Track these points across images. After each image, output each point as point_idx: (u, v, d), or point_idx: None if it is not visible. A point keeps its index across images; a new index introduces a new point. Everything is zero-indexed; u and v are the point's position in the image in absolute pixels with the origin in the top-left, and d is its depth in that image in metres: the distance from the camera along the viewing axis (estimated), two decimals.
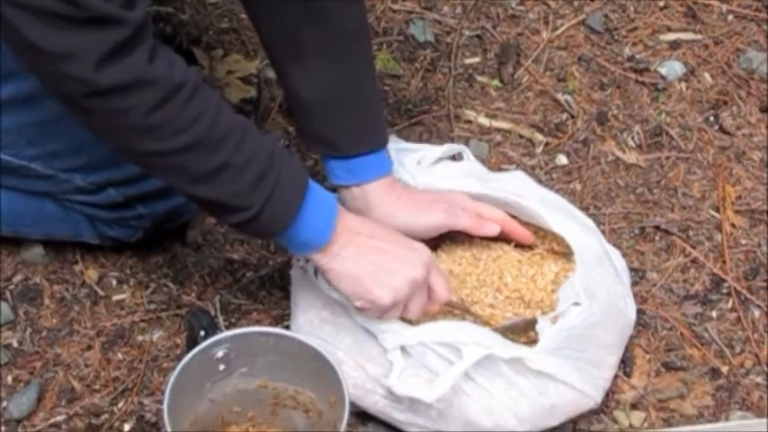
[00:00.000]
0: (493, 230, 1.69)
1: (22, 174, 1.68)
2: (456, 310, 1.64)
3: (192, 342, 1.62)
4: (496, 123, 2.03)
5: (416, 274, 1.52)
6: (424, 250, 1.55)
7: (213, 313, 1.75)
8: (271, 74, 2.06)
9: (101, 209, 1.72)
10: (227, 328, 1.73)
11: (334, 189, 1.64)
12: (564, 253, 1.73)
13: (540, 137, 2.01)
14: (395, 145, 1.75)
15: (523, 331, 1.64)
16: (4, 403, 1.66)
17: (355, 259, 1.51)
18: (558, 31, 2.14)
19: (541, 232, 1.74)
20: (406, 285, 1.51)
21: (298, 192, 1.46)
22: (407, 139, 1.98)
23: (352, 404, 1.58)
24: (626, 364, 1.72)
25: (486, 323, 1.64)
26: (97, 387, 1.69)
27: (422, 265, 1.53)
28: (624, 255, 1.78)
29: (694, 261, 1.86)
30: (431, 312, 1.60)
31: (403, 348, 1.59)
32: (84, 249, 1.82)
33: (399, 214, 1.64)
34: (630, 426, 1.67)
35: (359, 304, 1.53)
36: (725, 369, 1.74)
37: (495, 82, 2.09)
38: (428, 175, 1.73)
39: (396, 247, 1.53)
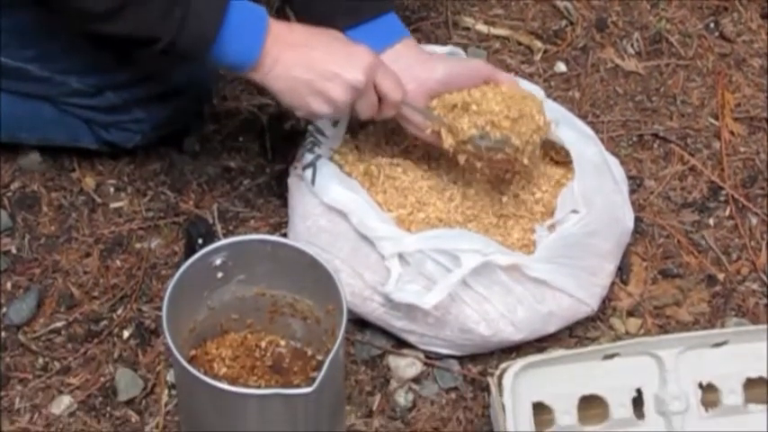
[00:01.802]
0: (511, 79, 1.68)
1: (18, 76, 1.67)
2: (417, 113, 1.62)
3: (190, 250, 1.62)
4: (495, 30, 2.02)
5: (354, 80, 1.50)
6: (364, 53, 1.53)
7: (211, 221, 1.76)
8: None
9: (98, 112, 1.72)
10: (225, 235, 1.74)
11: None
12: (563, 161, 1.73)
13: (538, 44, 2.00)
14: None
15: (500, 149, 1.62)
16: (4, 309, 1.67)
17: (289, 73, 1.49)
18: None
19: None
20: (345, 93, 1.50)
21: (215, 12, 1.45)
22: None
23: (350, 311, 1.59)
24: (623, 271, 1.73)
25: (453, 131, 1.62)
26: (96, 294, 1.69)
27: (361, 69, 1.50)
28: (622, 162, 1.78)
29: (692, 169, 1.86)
30: (387, 116, 1.59)
31: (401, 256, 1.59)
32: (81, 157, 1.81)
33: (438, 64, 1.62)
34: (627, 333, 1.68)
35: (300, 114, 1.55)
36: (721, 276, 1.75)
37: None
38: None
39: (331, 54, 1.51)
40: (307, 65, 1.49)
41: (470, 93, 1.62)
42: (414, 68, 1.60)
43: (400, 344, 1.65)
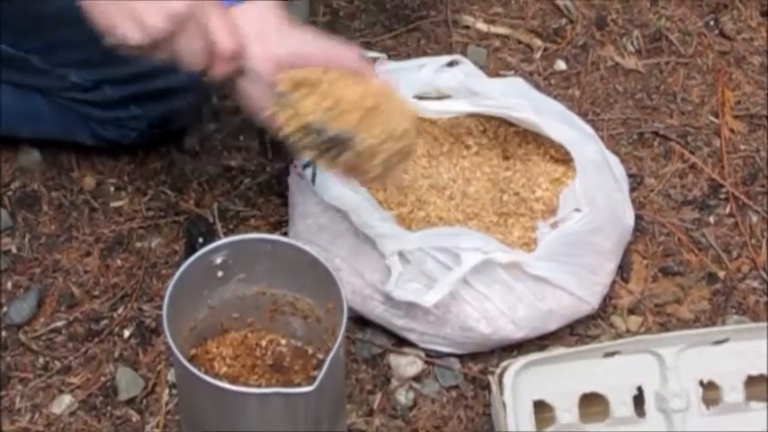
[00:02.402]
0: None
1: (18, 66, 1.67)
2: (258, 84, 1.39)
3: (191, 249, 1.62)
4: (495, 29, 2.02)
5: (173, 6, 1.32)
6: None
7: (211, 220, 1.76)
8: None
9: (95, 107, 1.72)
10: (226, 234, 1.74)
11: None
12: (563, 160, 1.73)
13: (538, 42, 2.00)
14: (385, 67, 1.74)
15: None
16: (5, 309, 1.67)
17: None
18: None
19: (540, 139, 1.74)
20: (160, 19, 1.32)
21: None
22: (405, 45, 1.98)
23: (351, 310, 1.59)
24: (623, 269, 1.73)
25: (294, 115, 1.38)
26: (97, 293, 1.69)
27: None
28: (622, 160, 1.78)
29: (693, 166, 1.86)
30: (220, 72, 1.39)
31: (401, 254, 1.59)
32: (80, 156, 1.81)
33: (298, 34, 1.43)
34: (627, 331, 1.68)
35: (111, 40, 1.36)
36: (722, 274, 1.75)
37: None
38: (421, 102, 1.72)
39: None
40: None
41: (326, 71, 1.37)
42: (266, 30, 1.40)
43: (401, 342, 1.65)
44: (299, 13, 2.00)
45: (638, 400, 1.56)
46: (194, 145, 1.84)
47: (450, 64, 1.76)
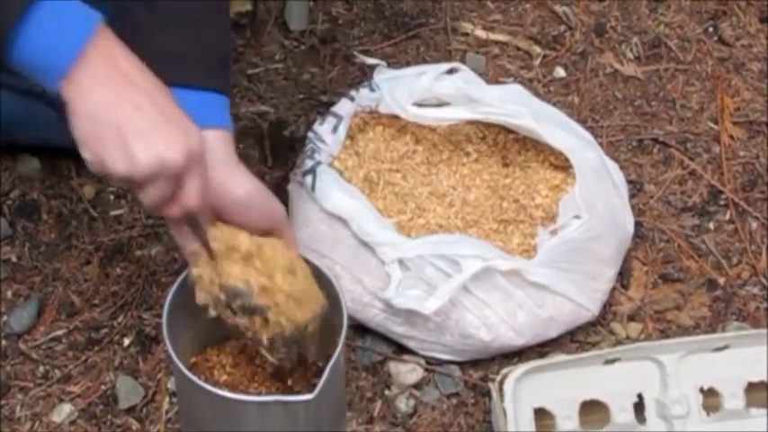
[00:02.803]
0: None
1: (19, 72, 1.67)
2: (195, 226, 1.33)
3: None
4: (494, 36, 2.02)
5: (168, 157, 1.21)
6: (195, 137, 1.24)
7: None
8: None
9: None
10: None
11: None
12: (562, 166, 1.73)
13: (537, 49, 2.00)
14: (384, 75, 1.74)
15: None
16: (5, 318, 1.67)
17: (108, 102, 1.19)
18: None
19: (539, 146, 1.74)
20: (150, 164, 1.20)
21: None
22: (404, 52, 1.98)
23: (351, 317, 1.59)
24: (623, 276, 1.73)
25: (217, 269, 1.35)
26: (97, 302, 1.69)
27: (182, 150, 1.22)
28: (622, 167, 1.78)
29: (692, 173, 1.86)
30: (169, 214, 1.28)
31: (401, 261, 1.59)
32: (80, 164, 1.80)
33: (245, 183, 1.39)
34: (627, 337, 1.68)
35: (87, 156, 1.21)
36: (722, 280, 1.75)
37: None
38: (420, 109, 1.72)
39: (163, 112, 1.22)
40: (131, 107, 1.20)
41: (259, 244, 1.36)
42: (216, 170, 1.33)
43: (401, 350, 1.65)
44: (298, 22, 2.01)
45: (639, 406, 1.56)
46: None
47: (450, 71, 1.76)
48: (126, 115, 1.19)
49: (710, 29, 2.04)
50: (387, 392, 1.62)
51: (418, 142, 1.76)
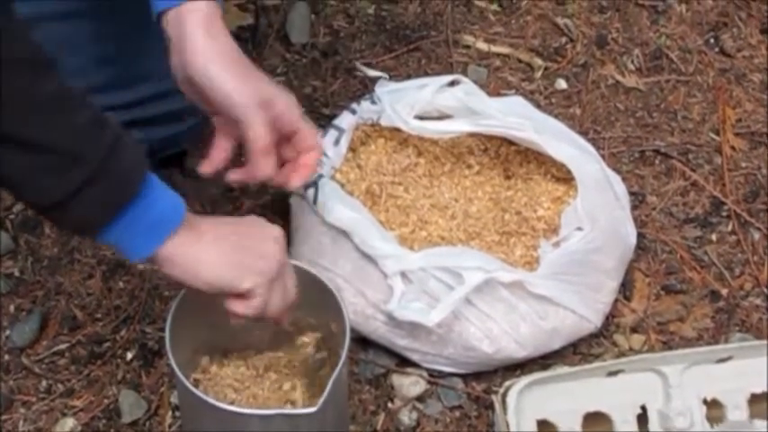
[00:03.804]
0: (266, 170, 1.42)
1: None
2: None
3: None
4: (495, 48, 2.02)
5: (276, 262, 1.31)
6: (278, 228, 1.34)
7: None
8: (268, 0, 2.05)
9: None
10: None
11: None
12: (564, 178, 1.73)
13: (539, 61, 2.01)
14: (386, 88, 1.74)
15: None
16: (7, 332, 1.67)
17: (217, 243, 1.26)
18: None
19: (541, 158, 1.74)
20: (274, 269, 1.30)
21: (140, 156, 1.21)
22: (406, 65, 1.98)
23: (353, 331, 1.59)
24: (626, 287, 1.73)
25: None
26: (99, 315, 1.69)
27: (283, 239, 1.33)
28: (624, 179, 1.78)
29: (694, 184, 1.86)
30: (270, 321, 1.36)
31: (403, 274, 1.59)
32: None
33: (216, 68, 1.36)
34: (630, 349, 1.68)
35: (234, 289, 1.27)
36: (724, 291, 1.74)
37: (494, 6, 2.08)
38: (422, 122, 1.72)
39: (253, 225, 1.33)
40: (231, 238, 1.28)
41: None
42: (191, 53, 1.35)
43: (404, 362, 1.65)
44: (300, 35, 2.01)
45: (642, 418, 1.56)
46: (195, 167, 1.84)
47: (451, 84, 1.76)
48: (235, 247, 1.27)
49: (711, 40, 2.04)
50: (390, 405, 1.62)
51: (420, 155, 1.76)
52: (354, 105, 1.76)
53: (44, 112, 1.12)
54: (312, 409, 1.29)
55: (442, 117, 1.75)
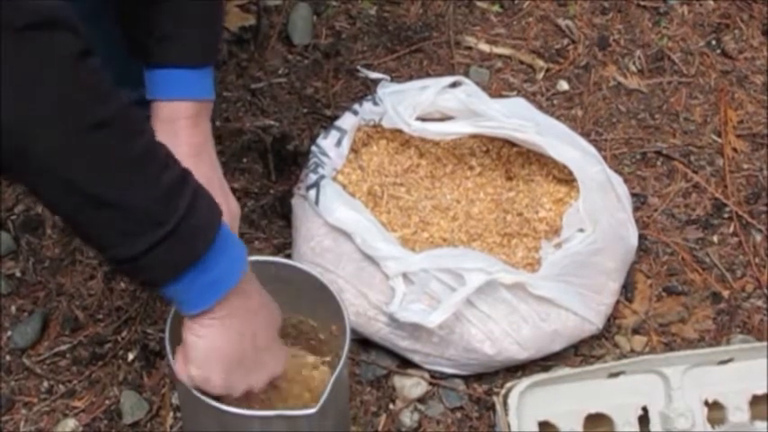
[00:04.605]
0: None
1: None
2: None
3: None
4: (497, 49, 2.02)
5: (273, 373, 1.32)
6: (280, 362, 1.34)
7: None
8: (270, 1, 2.05)
9: None
10: None
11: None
12: (566, 180, 1.73)
13: (540, 63, 2.01)
14: (387, 89, 1.74)
15: None
16: (9, 333, 1.67)
17: (239, 331, 1.26)
18: None
19: (543, 159, 1.74)
20: (262, 382, 1.31)
21: (213, 216, 1.21)
22: (407, 66, 1.98)
23: (355, 332, 1.59)
24: (627, 289, 1.73)
25: None
26: (100, 316, 1.69)
27: (270, 377, 1.32)
28: (626, 180, 1.78)
29: (696, 186, 1.86)
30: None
31: (405, 275, 1.59)
32: None
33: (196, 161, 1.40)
34: (632, 350, 1.68)
35: (199, 373, 1.26)
36: (726, 293, 1.74)
37: (496, 7, 2.08)
38: (423, 124, 1.72)
39: (271, 338, 1.32)
40: (250, 334, 1.28)
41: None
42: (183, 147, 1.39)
43: (405, 364, 1.65)
44: (302, 36, 2.01)
45: (644, 420, 1.56)
46: None
47: (453, 85, 1.76)
48: (250, 345, 1.26)
49: (713, 42, 2.04)
50: (391, 406, 1.62)
51: (422, 156, 1.76)
52: (356, 106, 1.76)
53: (131, 171, 1.13)
54: (312, 411, 1.29)
55: (443, 118, 1.75)
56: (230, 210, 1.44)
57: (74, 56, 1.09)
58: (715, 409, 1.57)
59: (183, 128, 1.41)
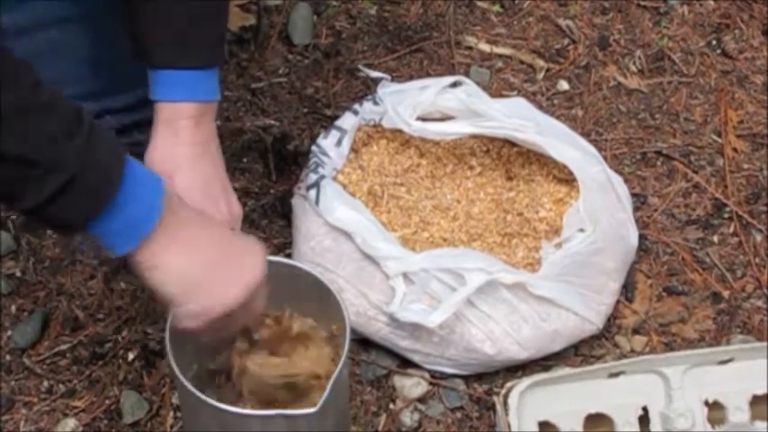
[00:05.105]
0: None
1: None
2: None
3: None
4: (497, 49, 2.02)
5: (256, 272, 1.29)
6: (261, 251, 1.32)
7: None
8: (270, 1, 2.05)
9: None
10: None
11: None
12: (566, 180, 1.73)
13: (541, 63, 2.01)
14: (388, 89, 1.74)
15: None
16: (9, 332, 1.67)
17: (189, 254, 1.24)
18: None
19: (543, 159, 1.74)
20: (252, 285, 1.28)
21: (116, 155, 1.19)
22: (408, 66, 1.98)
23: (355, 332, 1.59)
24: (627, 289, 1.73)
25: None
26: (101, 316, 1.69)
27: (260, 268, 1.30)
28: (626, 180, 1.78)
29: (696, 186, 1.86)
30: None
31: (405, 275, 1.59)
32: None
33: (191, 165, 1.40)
34: (632, 350, 1.68)
35: (190, 308, 1.25)
36: (726, 293, 1.74)
37: (496, 7, 2.08)
38: (423, 124, 1.72)
39: (235, 243, 1.30)
40: (211, 250, 1.26)
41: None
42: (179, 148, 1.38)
43: (405, 363, 1.65)
44: (302, 36, 2.01)
45: (644, 420, 1.56)
46: None
47: (453, 85, 1.76)
48: (214, 260, 1.24)
49: (713, 42, 2.04)
50: (391, 406, 1.62)
51: (422, 156, 1.76)
52: (356, 106, 1.76)
53: (11, 124, 1.11)
54: (311, 410, 1.29)
55: (444, 118, 1.75)
56: (233, 211, 1.45)
57: None
58: (715, 409, 1.57)
59: (184, 128, 1.41)
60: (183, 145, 1.39)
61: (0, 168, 1.12)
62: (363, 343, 1.65)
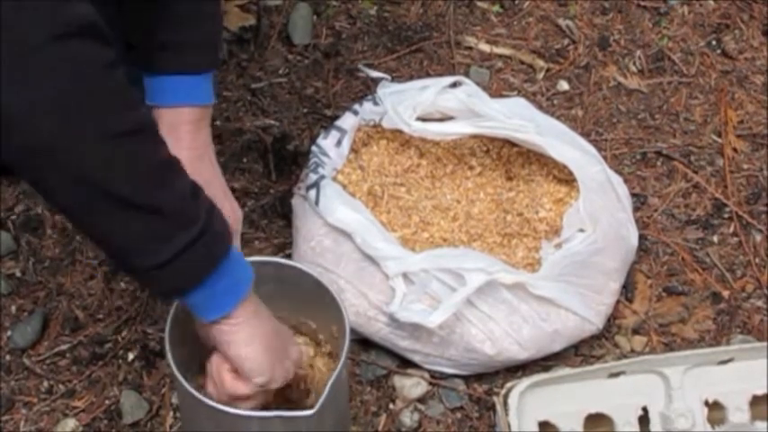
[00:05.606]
0: None
1: None
2: None
3: None
4: (497, 50, 2.02)
5: (297, 360, 1.39)
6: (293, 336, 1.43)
7: None
8: (270, 1, 2.05)
9: None
10: None
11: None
12: (566, 180, 1.73)
13: (541, 63, 2.01)
14: (388, 89, 1.74)
15: None
16: (9, 332, 1.67)
17: (263, 327, 1.32)
18: None
19: (543, 159, 1.74)
20: (293, 370, 1.37)
21: (224, 221, 1.27)
22: (408, 66, 1.98)
23: (355, 332, 1.59)
24: (627, 289, 1.73)
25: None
26: (101, 316, 1.69)
27: (300, 351, 1.41)
28: (626, 180, 1.78)
29: (696, 186, 1.86)
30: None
31: (405, 275, 1.59)
32: None
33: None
34: (632, 351, 1.68)
35: (261, 380, 1.32)
36: (726, 293, 1.74)
37: (496, 7, 2.08)
38: (423, 124, 1.72)
39: (284, 332, 1.39)
40: (272, 330, 1.35)
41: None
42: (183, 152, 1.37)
43: (405, 364, 1.65)
44: (302, 36, 2.01)
45: (644, 420, 1.56)
46: None
47: (453, 85, 1.76)
48: (276, 343, 1.33)
49: (713, 42, 2.04)
50: (391, 406, 1.62)
51: (422, 156, 1.76)
52: (356, 106, 1.76)
53: (161, 175, 1.18)
54: (310, 412, 1.29)
55: (443, 118, 1.75)
56: (232, 214, 1.45)
57: (104, 65, 1.11)
58: (715, 410, 1.57)
59: (185, 133, 1.42)
60: (184, 149, 1.40)
61: (131, 220, 1.16)
62: (363, 343, 1.65)
